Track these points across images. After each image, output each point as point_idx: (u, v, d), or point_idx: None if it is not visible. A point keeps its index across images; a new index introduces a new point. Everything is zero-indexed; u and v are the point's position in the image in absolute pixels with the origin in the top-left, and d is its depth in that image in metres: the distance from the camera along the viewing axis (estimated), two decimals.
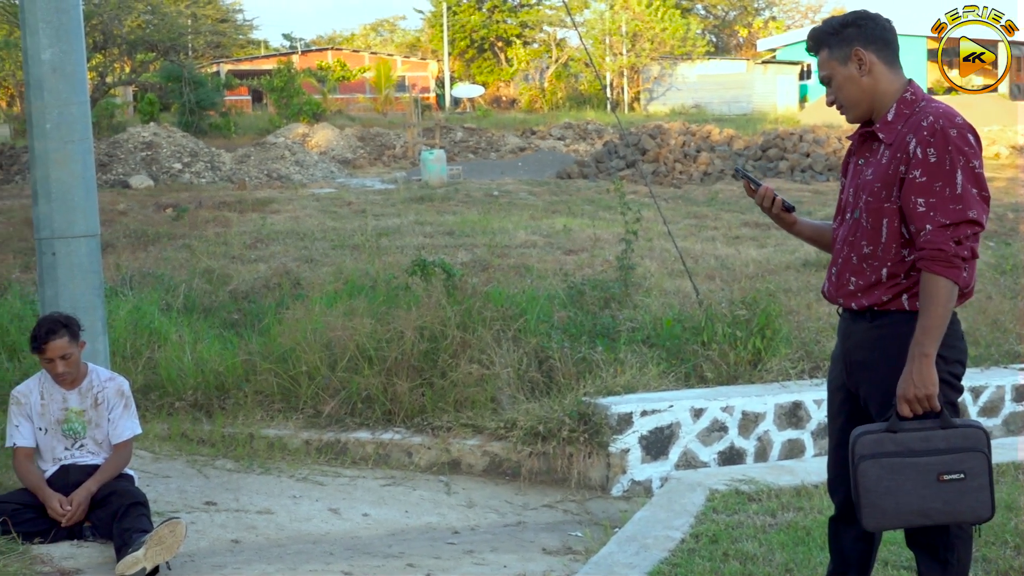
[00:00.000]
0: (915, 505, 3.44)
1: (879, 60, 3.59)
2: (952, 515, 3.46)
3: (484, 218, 17.35)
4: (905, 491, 3.43)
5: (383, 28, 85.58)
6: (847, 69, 3.62)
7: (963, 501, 3.43)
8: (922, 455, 3.42)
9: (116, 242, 14.61)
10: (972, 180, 3.40)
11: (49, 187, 6.28)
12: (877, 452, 3.44)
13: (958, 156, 3.40)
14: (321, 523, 6.10)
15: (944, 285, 3.36)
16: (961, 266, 3.37)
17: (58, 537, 5.35)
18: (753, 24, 70.91)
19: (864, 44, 3.58)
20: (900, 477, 3.42)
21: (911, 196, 3.43)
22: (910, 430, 3.44)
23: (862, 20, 3.61)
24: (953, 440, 3.44)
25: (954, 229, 3.36)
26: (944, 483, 3.42)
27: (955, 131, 3.43)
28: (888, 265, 3.54)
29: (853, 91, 3.63)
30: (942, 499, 3.43)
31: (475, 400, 7.47)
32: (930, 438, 3.44)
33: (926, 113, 3.49)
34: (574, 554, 5.71)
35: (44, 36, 6.21)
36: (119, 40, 36.27)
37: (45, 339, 5.48)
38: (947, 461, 3.42)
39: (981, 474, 3.43)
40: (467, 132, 36.82)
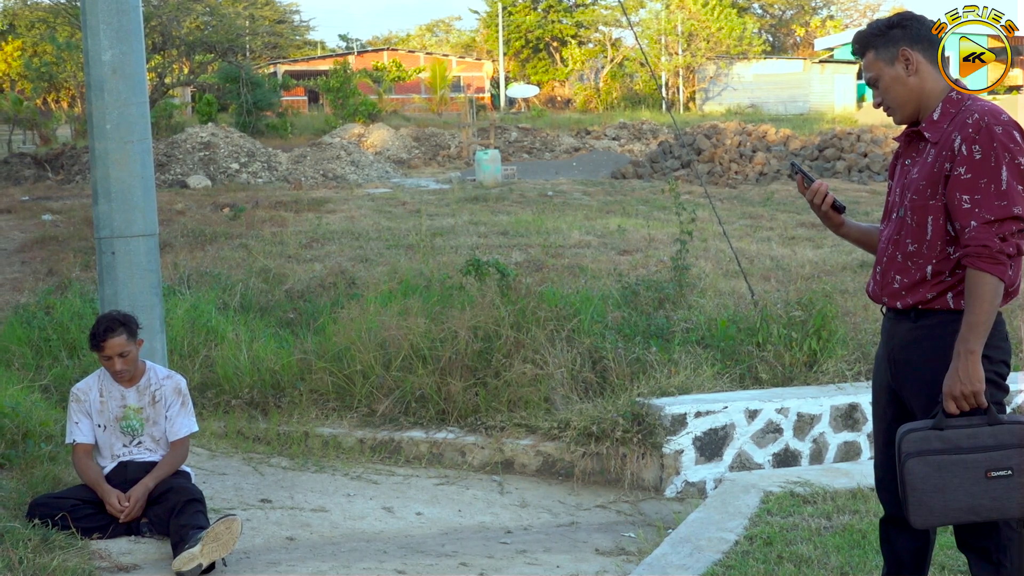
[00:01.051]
0: (963, 502, 3.42)
1: (925, 60, 3.61)
2: (1001, 511, 3.44)
3: (538, 218, 17.34)
4: (953, 488, 3.41)
5: (438, 28, 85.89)
6: (894, 70, 3.64)
7: (1012, 497, 3.41)
8: (969, 452, 3.41)
9: (174, 241, 14.78)
10: (1018, 176, 3.39)
11: (109, 187, 6.36)
12: (924, 450, 3.44)
13: (1003, 153, 3.40)
14: (375, 521, 6.12)
15: (989, 281, 3.35)
16: (1006, 262, 3.36)
17: (116, 533, 5.41)
18: (810, 23, 70.28)
19: (910, 44, 3.61)
20: (947, 474, 3.41)
21: (956, 192, 3.43)
22: (957, 427, 3.43)
23: (907, 21, 3.65)
24: (1000, 436, 3.42)
25: (999, 225, 3.36)
26: (992, 480, 3.40)
27: (1000, 128, 3.43)
28: (933, 263, 3.54)
29: (900, 91, 3.65)
30: (990, 496, 3.41)
31: (528, 400, 7.47)
32: (977, 435, 3.42)
33: (971, 111, 3.49)
34: (627, 555, 5.70)
35: (105, 38, 6.29)
36: (178, 41, 36.73)
37: (103, 337, 5.56)
38: (994, 458, 3.40)
39: None
40: (522, 132, 36.83)
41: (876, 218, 17.07)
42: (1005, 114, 3.47)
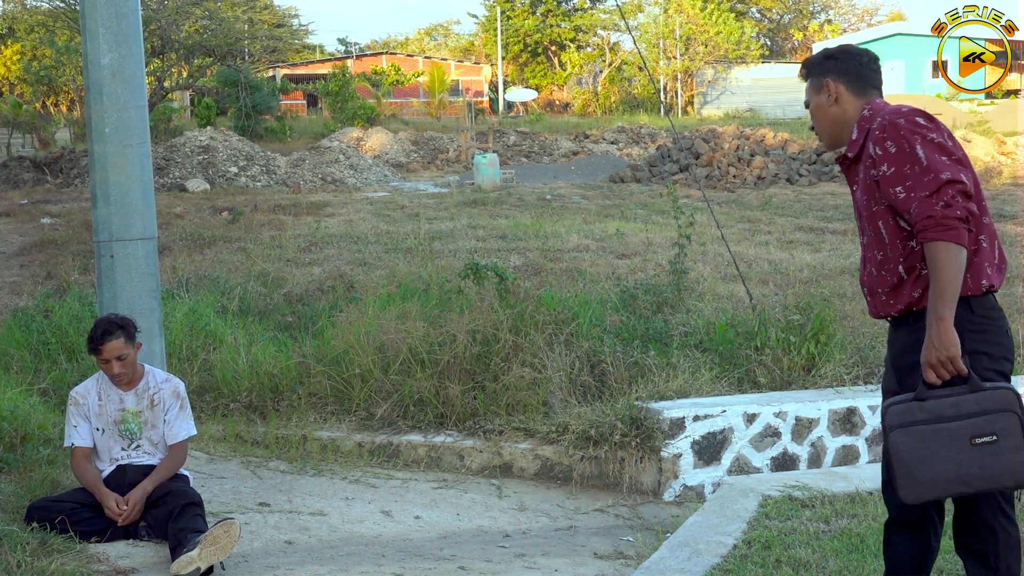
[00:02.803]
0: (951, 472, 3.41)
1: (848, 91, 3.80)
2: (991, 480, 3.42)
3: (537, 222, 17.35)
4: (939, 459, 3.41)
5: (437, 32, 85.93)
6: (819, 98, 3.87)
7: (999, 464, 3.40)
8: (953, 420, 3.40)
9: (173, 245, 14.78)
10: (934, 149, 3.50)
11: (108, 190, 6.36)
12: (907, 421, 3.45)
13: (913, 136, 3.52)
14: (373, 525, 6.13)
15: (943, 248, 3.39)
16: (956, 226, 3.39)
17: (114, 536, 5.41)
18: (808, 27, 70.33)
19: (836, 76, 3.82)
20: (933, 445, 3.41)
21: (889, 189, 3.55)
22: (939, 397, 3.44)
23: (841, 54, 3.85)
24: (983, 403, 3.41)
25: (936, 195, 3.42)
26: (977, 447, 3.39)
27: (903, 119, 3.57)
28: (901, 261, 3.63)
29: (822, 118, 3.88)
30: (978, 464, 3.40)
31: (527, 404, 7.47)
32: (959, 403, 3.42)
33: (876, 118, 3.66)
34: (625, 559, 5.70)
35: (104, 41, 6.29)
36: (177, 45, 36.70)
37: (101, 340, 5.56)
38: (978, 424, 3.39)
39: (1014, 434, 3.40)
40: (520, 136, 36.86)
41: None
42: (906, 107, 3.62)
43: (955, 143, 3.57)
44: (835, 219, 18.06)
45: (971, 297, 3.53)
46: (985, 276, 3.56)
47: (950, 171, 3.44)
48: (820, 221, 17.84)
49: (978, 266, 3.55)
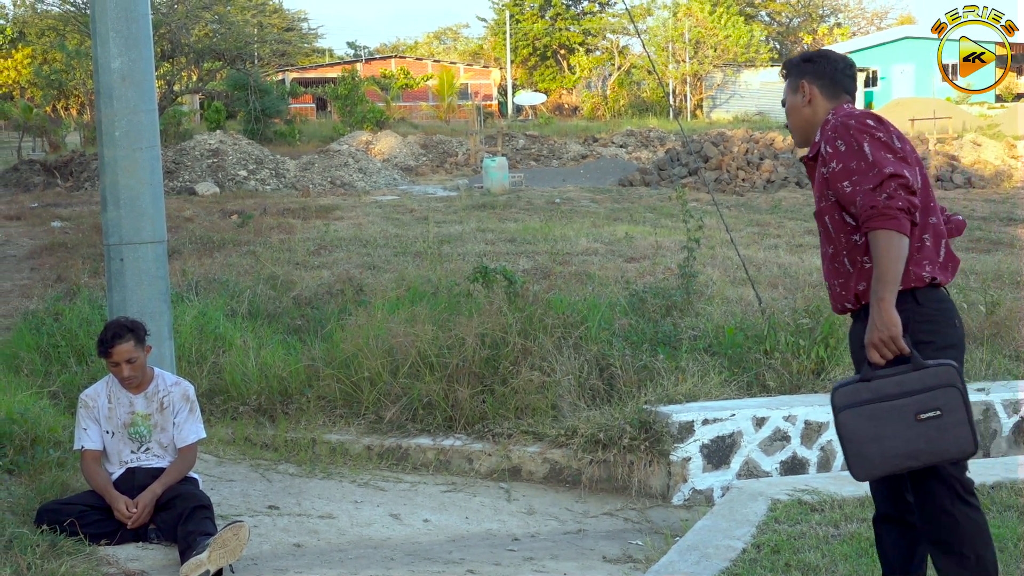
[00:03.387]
0: (899, 449, 3.54)
1: (820, 94, 3.96)
2: (938, 454, 3.54)
3: (546, 225, 17.36)
4: (887, 436, 3.53)
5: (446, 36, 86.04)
6: (795, 98, 4.03)
7: (945, 438, 3.52)
8: (898, 398, 3.53)
9: (182, 248, 14.81)
10: (880, 147, 3.65)
11: (118, 194, 6.38)
12: (854, 402, 3.58)
13: (861, 135, 3.68)
14: (382, 528, 6.13)
15: (884, 235, 3.53)
16: (897, 215, 3.53)
17: (124, 539, 5.43)
18: (818, 31, 70.29)
19: (811, 79, 3.98)
20: (880, 423, 3.54)
21: (837, 184, 3.71)
22: (884, 376, 3.56)
23: (819, 58, 4.02)
24: (927, 379, 3.53)
25: (880, 187, 3.56)
26: (923, 422, 3.51)
27: (853, 120, 3.74)
28: (845, 253, 3.80)
29: (795, 117, 4.04)
30: (924, 439, 3.52)
31: (536, 407, 7.47)
32: (903, 381, 3.54)
33: (830, 121, 3.83)
34: (634, 562, 5.69)
35: (114, 45, 6.32)
36: (187, 49, 36.77)
37: (111, 343, 5.57)
38: (922, 400, 3.52)
39: (957, 409, 3.52)
40: (529, 139, 36.87)
41: None
42: (857, 110, 3.80)
43: (904, 143, 3.72)
44: None
45: (916, 289, 3.68)
46: (927, 270, 3.68)
47: (893, 166, 3.59)
48: None
49: (919, 261, 3.69)
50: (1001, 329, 8.95)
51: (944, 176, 25.37)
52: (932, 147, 27.87)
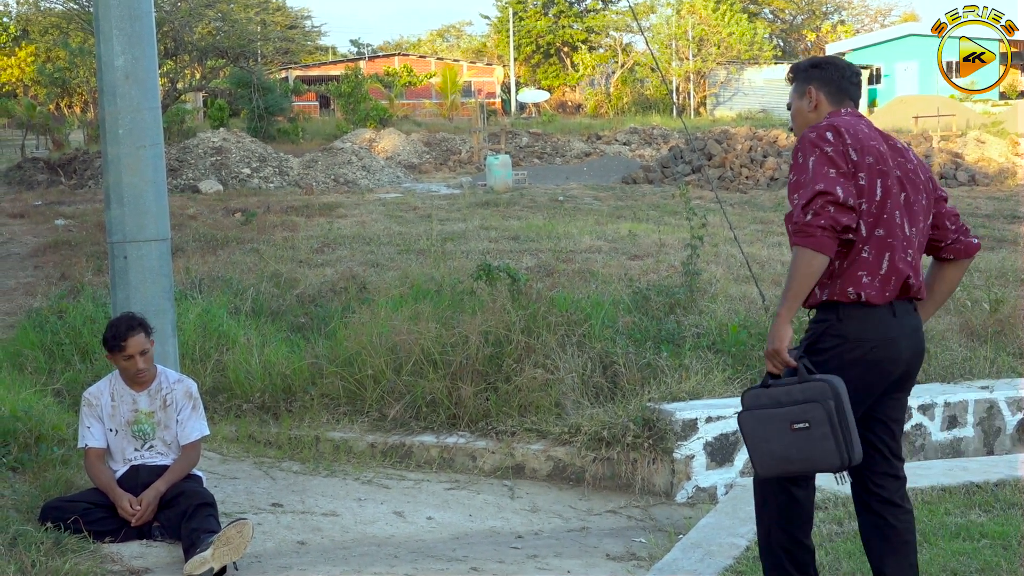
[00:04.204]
0: (779, 453, 3.77)
1: (826, 100, 4.05)
2: (807, 462, 3.76)
3: (549, 223, 17.35)
4: (771, 440, 3.76)
5: (449, 34, 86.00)
6: (801, 102, 4.11)
7: (812, 449, 3.71)
8: (781, 406, 3.74)
9: (186, 246, 14.81)
10: (824, 162, 3.74)
11: (121, 192, 6.38)
12: (752, 405, 3.83)
13: (811, 148, 3.78)
14: (386, 526, 6.13)
15: (799, 252, 3.67)
16: (815, 234, 3.64)
17: (128, 536, 5.43)
18: (821, 28, 70.22)
19: (818, 85, 4.07)
20: (767, 427, 3.77)
21: (790, 197, 3.82)
22: (778, 385, 3.79)
23: (826, 64, 4.12)
24: (806, 392, 3.71)
25: (808, 204, 3.68)
26: (795, 432, 3.71)
27: (814, 133, 3.83)
28: None
29: (799, 121, 4.11)
30: (796, 447, 3.73)
31: (539, 405, 7.47)
32: (790, 392, 3.74)
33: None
34: (638, 560, 5.69)
35: (117, 43, 6.32)
36: (190, 47, 36.77)
37: (125, 336, 5.59)
38: (795, 412, 3.71)
39: (822, 423, 3.67)
40: (532, 137, 36.85)
41: None
42: (825, 123, 3.86)
43: (862, 159, 3.79)
44: None
45: (840, 303, 3.82)
46: (855, 285, 3.78)
47: (825, 183, 3.68)
48: None
49: (850, 275, 3.80)
50: (1005, 327, 8.94)
51: (948, 174, 25.34)
52: (936, 145, 27.83)
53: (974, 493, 5.92)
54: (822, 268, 3.68)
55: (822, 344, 3.84)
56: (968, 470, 6.39)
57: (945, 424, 7.42)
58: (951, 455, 7.34)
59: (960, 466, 6.60)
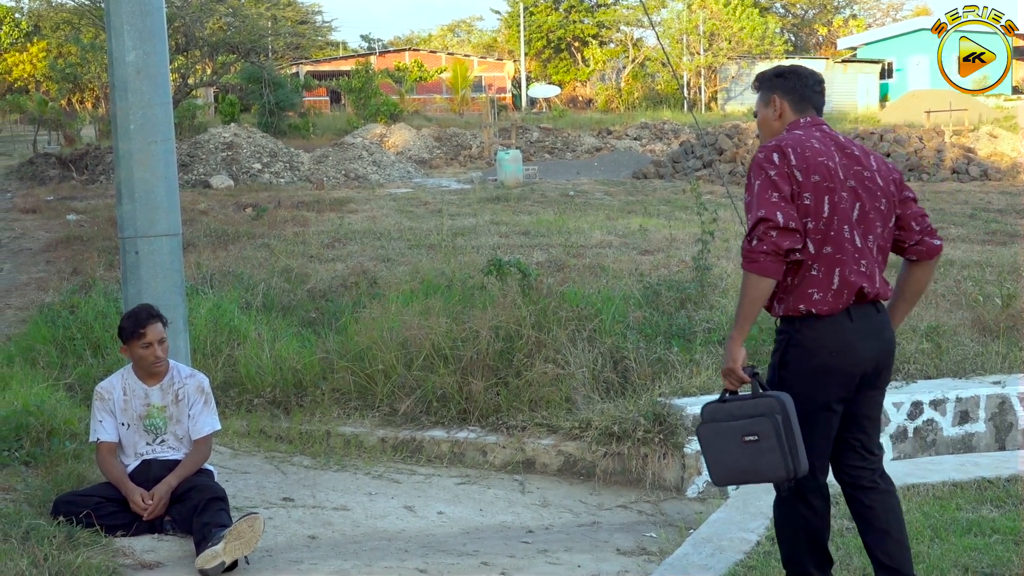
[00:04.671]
0: (731, 464, 3.99)
1: (790, 108, 4.18)
2: (757, 473, 3.96)
3: (560, 218, 17.34)
4: (726, 452, 3.97)
5: (460, 29, 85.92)
6: (766, 111, 4.25)
7: (761, 461, 3.90)
8: (734, 420, 3.94)
9: (197, 241, 14.84)
10: (767, 186, 3.88)
11: (132, 187, 6.39)
12: (710, 418, 4.02)
13: (759, 171, 3.93)
14: (396, 520, 6.14)
15: (746, 277, 3.86)
16: (758, 259, 3.81)
17: (139, 531, 5.45)
18: (833, 22, 70.00)
19: (782, 94, 4.20)
20: (721, 439, 3.97)
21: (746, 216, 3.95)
22: (733, 400, 3.99)
23: (789, 73, 4.26)
24: (757, 407, 3.91)
25: (752, 231, 3.85)
26: (746, 444, 3.91)
27: (762, 154, 3.98)
28: None
29: (765, 128, 4.25)
30: (747, 459, 3.93)
31: (550, 400, 7.47)
32: (744, 406, 3.94)
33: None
34: (648, 555, 5.69)
35: (128, 39, 6.33)
36: (201, 42, 36.84)
37: (146, 323, 5.61)
38: (746, 425, 3.91)
39: (770, 437, 3.86)
40: (543, 132, 36.82)
41: None
42: (774, 143, 3.99)
43: (807, 179, 3.90)
44: None
45: (795, 317, 4.00)
46: (806, 303, 3.94)
47: (766, 209, 3.83)
48: None
49: (801, 292, 3.95)
50: (1017, 322, 8.92)
51: (960, 168, 25.26)
52: (948, 139, 27.74)
53: (985, 489, 5.92)
54: (769, 291, 3.87)
55: (787, 356, 4.04)
56: (980, 466, 6.38)
57: (957, 419, 7.40)
58: (962, 450, 7.32)
59: (972, 461, 6.59)
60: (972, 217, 18.03)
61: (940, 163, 25.64)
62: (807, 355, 3.98)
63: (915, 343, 8.25)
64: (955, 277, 11.31)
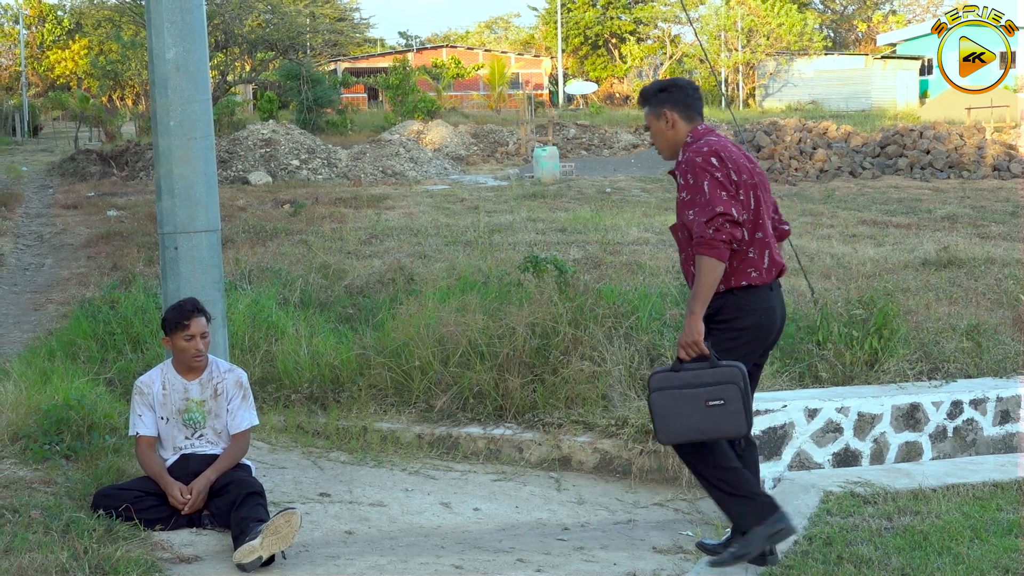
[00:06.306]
0: (691, 425, 4.62)
1: (680, 118, 4.85)
2: (719, 431, 4.65)
3: (596, 215, 17.32)
4: (685, 415, 4.60)
5: (497, 25, 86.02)
6: (659, 124, 4.90)
7: (726, 421, 4.61)
8: (696, 387, 4.58)
9: (235, 237, 14.94)
10: (717, 186, 4.59)
11: (172, 183, 6.44)
12: (664, 385, 4.63)
13: (703, 173, 4.61)
14: (432, 516, 6.15)
15: (706, 261, 4.51)
16: (718, 246, 4.51)
17: (178, 524, 5.49)
18: (872, 18, 69.49)
19: (672, 106, 4.85)
20: (680, 403, 4.60)
21: (684, 211, 4.67)
22: (688, 369, 4.61)
23: (673, 87, 4.91)
24: (717, 376, 4.59)
25: (709, 221, 4.53)
26: (711, 408, 4.58)
27: (700, 158, 4.65)
28: (691, 260, 4.68)
29: (660, 140, 4.94)
30: (711, 420, 4.60)
31: (586, 397, 7.46)
32: (701, 375, 4.60)
33: (687, 152, 4.75)
34: (684, 553, 5.68)
35: (169, 36, 6.37)
36: (240, 39, 37.06)
37: (190, 316, 5.67)
38: (711, 391, 4.58)
39: (736, 400, 4.59)
40: (580, 129, 36.78)
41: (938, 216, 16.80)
42: (707, 148, 4.67)
43: (741, 175, 4.67)
44: (899, 213, 17.84)
45: (736, 288, 4.71)
46: (746, 277, 4.71)
47: (723, 205, 4.54)
48: (883, 215, 17.64)
49: (742, 270, 4.71)
50: None
51: (1001, 166, 25.01)
52: (989, 136, 27.47)
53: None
54: (722, 272, 4.57)
55: (722, 316, 4.71)
56: (1021, 466, 6.32)
57: (997, 419, 7.33)
58: (1003, 451, 7.25)
59: (1012, 461, 6.53)
60: (1013, 215, 17.85)
61: (981, 160, 25.39)
62: (741, 314, 4.68)
63: (955, 342, 8.18)
64: (996, 275, 11.20)
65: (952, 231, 15.40)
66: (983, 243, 13.87)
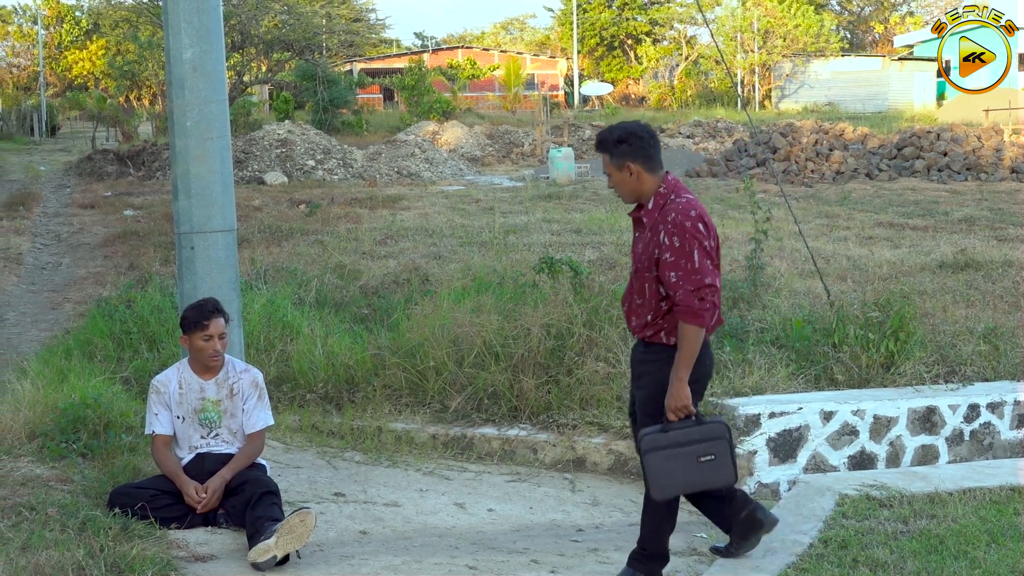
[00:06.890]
0: (683, 480, 4.86)
1: (643, 169, 4.86)
2: (710, 484, 4.91)
3: (612, 216, 17.29)
4: (677, 472, 4.81)
5: (513, 26, 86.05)
6: (621, 175, 4.90)
7: (716, 473, 4.86)
8: (686, 446, 4.79)
9: (251, 237, 14.97)
10: (703, 255, 4.72)
11: (189, 183, 6.46)
12: (655, 447, 4.79)
13: (693, 240, 4.71)
14: (447, 517, 6.16)
15: (692, 331, 4.70)
16: (704, 315, 4.69)
17: (193, 523, 5.51)
18: (889, 20, 69.30)
19: (632, 159, 4.85)
20: (672, 462, 4.79)
21: (666, 272, 4.74)
22: (676, 429, 4.79)
23: (632, 139, 4.86)
24: (705, 432, 4.83)
25: (697, 291, 4.68)
26: (702, 463, 4.82)
27: (689, 223, 4.73)
28: (651, 314, 4.88)
29: (624, 189, 4.95)
30: (702, 474, 4.85)
31: (601, 398, 7.46)
32: (690, 434, 4.80)
33: (671, 210, 4.78)
34: (699, 555, 5.67)
35: (186, 36, 6.39)
36: (256, 40, 37.13)
37: (210, 316, 5.69)
38: (702, 448, 4.82)
39: (724, 455, 4.86)
40: (595, 130, 36.73)
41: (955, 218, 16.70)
42: (694, 211, 4.77)
43: (715, 245, 4.85)
44: (915, 215, 17.78)
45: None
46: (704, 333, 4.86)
47: (710, 276, 4.72)
48: (900, 217, 17.57)
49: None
50: None
51: (1020, 168, 24.88)
52: (1007, 138, 27.34)
53: None
54: (703, 337, 4.74)
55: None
56: None
57: (1014, 423, 7.30)
58: (1021, 454, 7.23)
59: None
60: None
61: (999, 162, 25.27)
62: (699, 363, 4.82)
63: (972, 345, 8.15)
64: (1013, 278, 11.15)
65: (969, 233, 15.33)
66: (1001, 246, 13.80)
